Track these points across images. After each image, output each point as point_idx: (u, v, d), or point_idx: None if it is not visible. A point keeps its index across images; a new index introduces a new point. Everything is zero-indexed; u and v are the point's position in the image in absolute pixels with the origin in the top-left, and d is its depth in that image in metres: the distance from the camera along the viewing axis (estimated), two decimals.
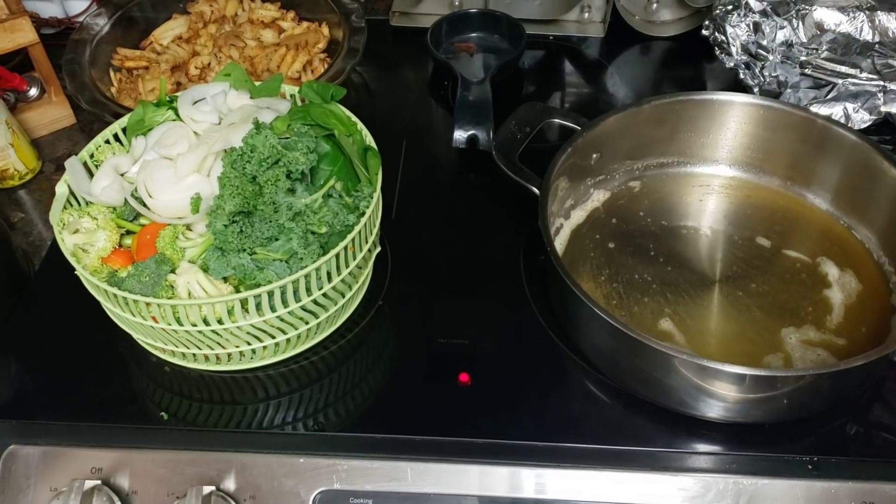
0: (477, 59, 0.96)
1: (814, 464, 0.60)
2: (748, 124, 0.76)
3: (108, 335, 0.67)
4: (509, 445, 0.61)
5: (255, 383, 0.66)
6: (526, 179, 0.69)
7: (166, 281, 0.59)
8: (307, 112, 0.65)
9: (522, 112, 0.76)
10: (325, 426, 0.63)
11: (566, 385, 0.65)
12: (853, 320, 0.68)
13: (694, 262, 0.73)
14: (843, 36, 0.82)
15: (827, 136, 0.73)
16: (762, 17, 0.84)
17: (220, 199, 0.57)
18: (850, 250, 0.73)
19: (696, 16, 0.99)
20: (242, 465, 0.60)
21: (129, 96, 0.89)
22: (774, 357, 0.65)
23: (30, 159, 0.86)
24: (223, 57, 0.92)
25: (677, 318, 0.68)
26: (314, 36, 0.94)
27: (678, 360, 0.57)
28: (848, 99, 0.82)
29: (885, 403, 0.64)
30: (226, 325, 0.59)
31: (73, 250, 0.62)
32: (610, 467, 0.60)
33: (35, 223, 0.82)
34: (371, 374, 0.67)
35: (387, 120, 0.91)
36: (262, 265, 0.59)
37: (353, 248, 0.62)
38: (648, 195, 0.78)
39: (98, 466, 0.60)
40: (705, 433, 0.62)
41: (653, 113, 0.76)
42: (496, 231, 0.77)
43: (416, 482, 0.60)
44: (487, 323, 0.70)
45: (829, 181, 0.75)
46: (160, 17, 0.97)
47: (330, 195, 0.62)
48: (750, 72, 0.86)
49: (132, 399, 0.65)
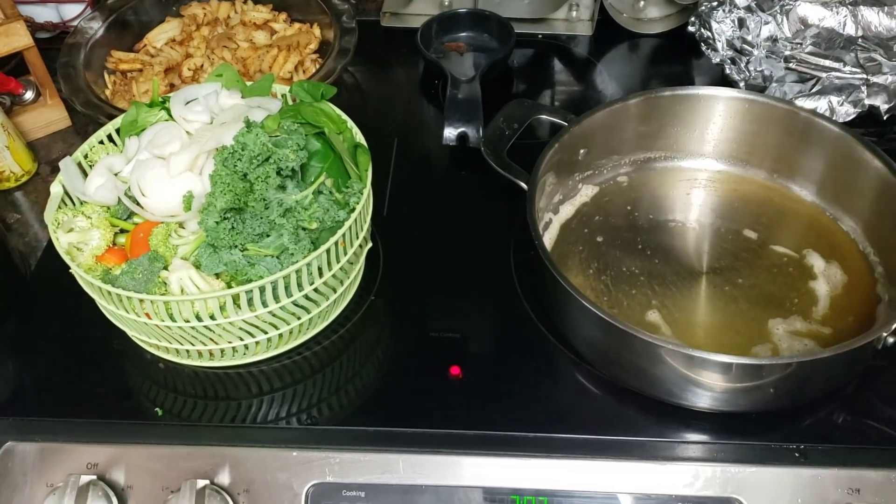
0: (467, 59, 0.97)
1: (801, 451, 0.60)
2: (734, 118, 0.77)
3: (103, 333, 0.68)
4: (500, 437, 0.62)
5: (248, 379, 0.66)
6: (514, 175, 0.70)
7: (159, 278, 0.60)
8: (298, 110, 0.66)
9: (510, 109, 0.77)
10: (318, 420, 0.63)
11: (556, 377, 0.66)
12: (839, 310, 0.68)
13: (681, 254, 0.73)
14: (826, 31, 0.83)
15: (811, 128, 0.74)
16: (747, 12, 0.85)
17: (212, 197, 0.58)
18: (835, 241, 0.74)
19: (682, 13, 1.00)
20: (236, 459, 0.61)
21: (123, 98, 0.90)
22: (762, 347, 0.66)
23: (26, 161, 0.86)
24: (216, 59, 0.92)
25: (665, 310, 0.68)
26: (305, 37, 0.95)
27: (665, 351, 0.58)
28: (832, 92, 0.83)
29: (870, 391, 0.64)
30: (218, 321, 0.60)
31: (68, 249, 0.62)
32: (599, 457, 0.61)
33: (31, 224, 0.83)
34: (363, 368, 0.67)
35: (378, 119, 0.92)
36: (253, 261, 0.59)
37: (343, 244, 0.63)
38: (636, 189, 0.79)
39: (94, 462, 0.60)
40: (693, 423, 0.62)
41: (639, 108, 0.77)
42: (486, 226, 0.78)
43: (408, 474, 0.60)
44: (478, 317, 0.71)
45: (814, 173, 0.76)
46: (154, 20, 0.98)
47: (320, 192, 0.63)
48: (736, 67, 0.87)
49: (127, 395, 0.66)
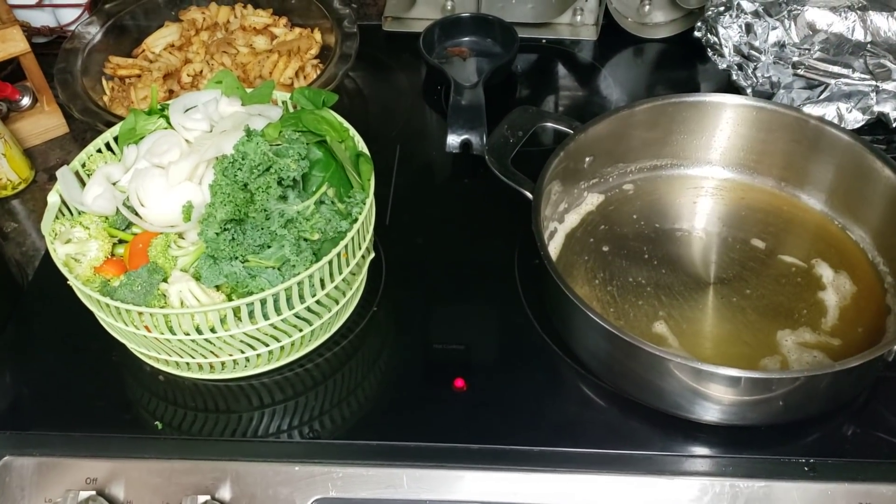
0: (470, 64, 0.96)
1: (810, 466, 0.60)
2: (741, 125, 0.76)
3: (102, 345, 0.67)
4: (505, 451, 0.61)
5: (249, 391, 0.65)
6: (519, 184, 0.69)
7: (159, 290, 0.59)
8: (299, 118, 0.65)
9: (515, 116, 0.76)
10: (321, 433, 0.62)
11: (562, 389, 0.65)
12: (849, 321, 0.68)
13: (688, 264, 0.72)
14: (835, 36, 0.82)
15: (820, 136, 0.73)
16: (754, 17, 0.84)
17: (212, 207, 0.57)
18: (844, 251, 0.73)
19: (688, 17, 0.99)
20: (237, 473, 0.60)
21: (121, 105, 0.89)
22: (771, 360, 0.65)
23: (22, 169, 0.85)
24: (215, 64, 0.91)
25: (672, 321, 0.68)
26: (306, 42, 0.94)
27: (673, 364, 0.57)
28: (841, 99, 0.82)
29: (881, 404, 0.63)
30: (219, 334, 0.59)
31: (66, 260, 0.61)
32: (606, 471, 0.60)
33: (28, 233, 0.82)
34: (366, 380, 0.66)
35: (380, 125, 0.91)
36: (254, 273, 0.58)
37: (346, 255, 0.62)
38: (642, 198, 0.78)
39: (93, 477, 0.60)
40: (701, 436, 0.61)
41: (645, 115, 0.76)
42: (491, 236, 0.77)
43: (412, 489, 0.59)
44: (483, 328, 0.70)
45: (823, 182, 0.75)
46: (152, 25, 0.97)
47: (322, 202, 0.62)
48: (743, 73, 0.86)
49: (126, 408, 0.65)
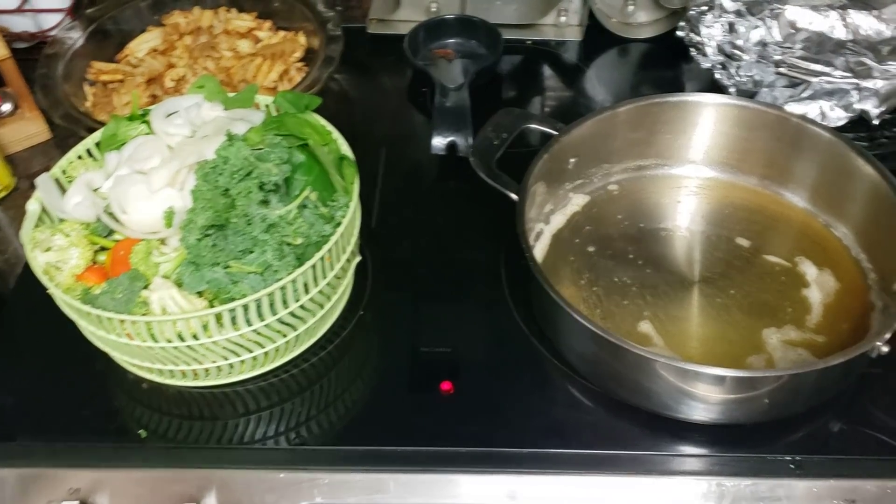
0: (455, 65, 0.96)
1: (796, 463, 0.60)
2: (724, 124, 0.77)
3: (84, 353, 0.66)
4: (493, 453, 0.61)
5: (234, 398, 0.65)
6: (504, 186, 0.69)
7: (140, 297, 0.58)
8: (281, 122, 0.65)
9: (499, 118, 0.76)
10: (306, 440, 0.62)
11: (549, 391, 0.65)
12: (833, 318, 0.68)
13: (673, 264, 0.72)
14: (816, 34, 0.82)
15: (802, 134, 0.73)
16: (737, 17, 0.85)
17: (193, 213, 0.57)
18: (828, 248, 0.73)
19: (671, 17, 0.99)
20: (223, 481, 0.59)
21: (103, 110, 0.88)
22: (756, 358, 0.65)
23: (4, 176, 0.85)
24: (199, 68, 0.91)
25: (657, 320, 0.68)
26: (290, 45, 0.93)
27: (658, 364, 0.57)
28: (823, 97, 0.82)
29: (866, 400, 0.64)
30: (201, 341, 0.58)
31: (46, 268, 0.61)
32: (594, 472, 0.60)
33: (10, 241, 0.81)
34: (353, 385, 0.66)
35: (365, 128, 0.91)
36: (236, 279, 0.58)
37: (329, 259, 0.62)
38: (627, 198, 0.78)
39: (75, 487, 0.59)
40: (688, 435, 0.61)
41: (629, 116, 0.76)
42: (477, 237, 0.77)
43: (398, 494, 0.59)
44: (470, 330, 0.69)
45: (806, 179, 0.75)
46: (135, 29, 0.96)
47: (305, 206, 0.62)
48: (726, 72, 0.87)
49: (110, 417, 0.64)
